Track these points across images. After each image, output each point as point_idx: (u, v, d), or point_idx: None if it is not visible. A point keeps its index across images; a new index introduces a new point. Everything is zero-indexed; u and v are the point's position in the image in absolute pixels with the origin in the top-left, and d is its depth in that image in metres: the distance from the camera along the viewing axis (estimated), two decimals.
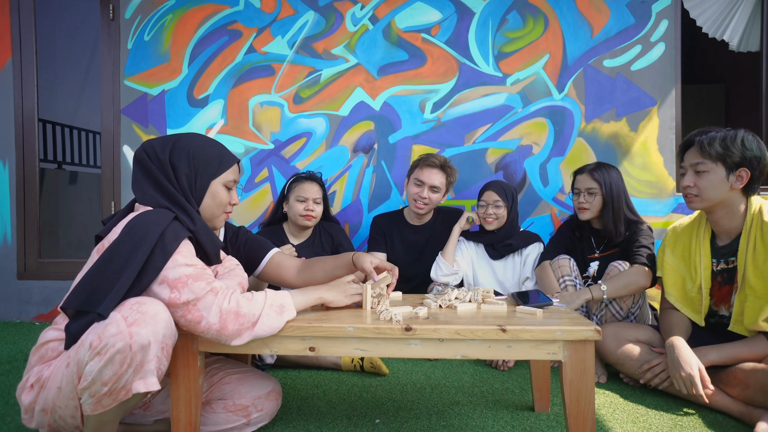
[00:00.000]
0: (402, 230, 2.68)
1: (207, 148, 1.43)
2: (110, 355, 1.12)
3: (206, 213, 1.44)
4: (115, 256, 1.24)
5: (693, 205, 1.78)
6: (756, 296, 1.68)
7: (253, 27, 3.09)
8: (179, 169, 1.37)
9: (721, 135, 1.71)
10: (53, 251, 3.52)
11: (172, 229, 1.28)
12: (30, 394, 1.26)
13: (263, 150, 3.09)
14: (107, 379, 1.13)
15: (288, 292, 1.40)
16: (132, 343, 1.13)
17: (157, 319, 1.17)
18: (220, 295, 1.28)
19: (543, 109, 2.96)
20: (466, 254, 2.54)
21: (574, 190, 2.38)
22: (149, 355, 1.16)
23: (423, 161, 2.55)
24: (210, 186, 1.42)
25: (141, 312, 1.16)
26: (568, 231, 2.48)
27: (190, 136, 1.43)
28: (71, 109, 5.19)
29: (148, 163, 1.37)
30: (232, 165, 1.47)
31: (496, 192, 2.44)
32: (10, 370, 2.19)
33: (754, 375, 1.62)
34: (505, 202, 2.43)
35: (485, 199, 2.47)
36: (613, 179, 2.30)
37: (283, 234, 2.51)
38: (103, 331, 1.13)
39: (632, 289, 2.09)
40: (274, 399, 1.59)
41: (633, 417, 1.70)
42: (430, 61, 3.00)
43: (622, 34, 2.91)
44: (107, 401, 1.16)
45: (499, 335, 1.28)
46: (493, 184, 2.48)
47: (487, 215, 2.45)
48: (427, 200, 2.54)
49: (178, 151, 1.38)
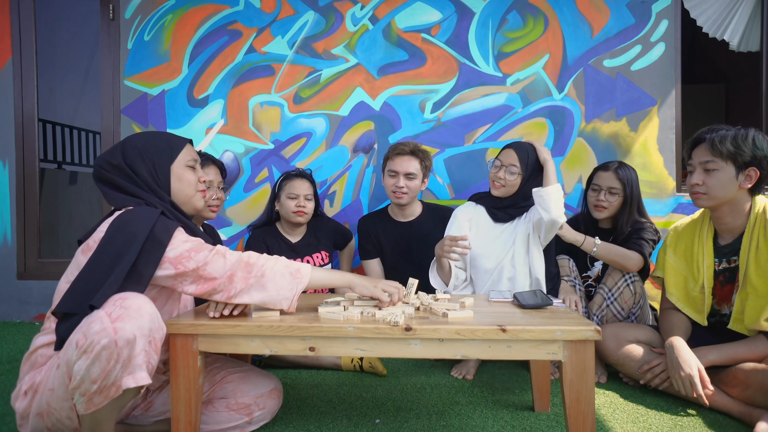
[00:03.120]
0: (388, 228, 2.59)
1: (154, 139, 1.46)
2: (96, 353, 1.12)
3: (180, 197, 1.47)
4: (105, 255, 1.25)
5: (700, 202, 1.78)
6: (757, 295, 1.68)
7: (253, 27, 3.09)
8: (137, 168, 1.40)
9: (732, 133, 1.70)
10: (53, 251, 3.52)
11: (161, 223, 1.31)
12: (24, 400, 1.27)
13: (263, 150, 3.09)
14: (96, 376, 1.13)
15: (309, 266, 1.42)
16: (117, 338, 1.12)
17: (141, 313, 1.17)
18: (228, 253, 1.35)
19: (543, 109, 2.96)
20: (461, 216, 2.24)
21: (593, 186, 2.33)
22: (136, 350, 1.15)
23: (393, 151, 2.48)
24: (172, 171, 1.45)
25: (124, 307, 1.16)
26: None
27: (134, 136, 1.46)
28: (71, 109, 5.19)
29: (107, 176, 1.40)
30: (184, 146, 1.49)
31: (517, 154, 2.08)
32: (10, 370, 2.19)
33: (754, 375, 1.62)
34: (522, 170, 2.07)
35: (502, 158, 2.11)
36: (634, 180, 2.27)
37: (277, 233, 2.51)
38: (88, 329, 1.13)
39: (620, 261, 2.11)
40: (275, 397, 1.59)
41: (633, 417, 1.70)
42: (430, 61, 3.00)
43: (622, 34, 2.91)
44: (99, 399, 1.16)
45: (499, 335, 1.28)
46: (517, 145, 2.13)
47: (496, 178, 2.11)
48: (405, 189, 2.43)
49: (128, 152, 1.41)
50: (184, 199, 1.47)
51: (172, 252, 1.30)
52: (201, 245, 1.34)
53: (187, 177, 1.47)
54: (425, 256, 2.51)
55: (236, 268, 1.33)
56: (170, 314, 1.47)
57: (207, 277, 1.32)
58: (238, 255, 1.36)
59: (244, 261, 1.34)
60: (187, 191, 1.47)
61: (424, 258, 2.51)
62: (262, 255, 1.39)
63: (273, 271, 1.35)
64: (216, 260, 1.32)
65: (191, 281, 1.32)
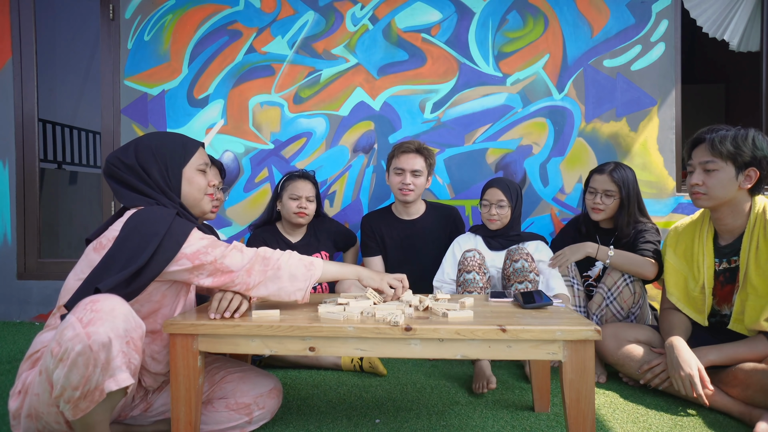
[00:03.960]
0: (392, 226, 2.61)
1: (167, 140, 1.46)
2: (72, 360, 1.10)
3: (189, 200, 1.48)
4: (122, 252, 1.26)
5: (700, 203, 1.78)
6: (757, 295, 1.68)
7: (253, 27, 3.09)
8: (149, 168, 1.41)
9: (732, 134, 1.70)
10: (53, 251, 3.52)
11: (178, 222, 1.34)
12: (16, 400, 1.26)
13: (263, 150, 3.09)
14: (76, 383, 1.11)
15: (321, 260, 1.50)
16: (91, 343, 1.10)
17: (114, 314, 1.15)
18: (244, 248, 1.42)
19: (543, 109, 2.96)
20: (463, 245, 2.40)
21: (589, 189, 2.33)
22: (113, 352, 1.13)
23: (398, 149, 2.51)
24: (183, 174, 1.46)
25: (95, 310, 1.14)
26: (572, 232, 2.47)
27: (148, 136, 1.47)
28: (71, 109, 5.19)
29: (119, 174, 1.41)
30: (197, 149, 1.50)
31: (500, 190, 2.30)
32: (10, 370, 2.19)
33: (754, 375, 1.62)
34: (510, 202, 2.30)
35: (488, 198, 2.33)
36: (630, 181, 2.26)
37: (278, 233, 2.51)
38: (61, 336, 1.12)
39: (635, 269, 2.08)
40: (275, 397, 1.59)
41: (633, 417, 1.70)
42: (430, 61, 3.00)
43: (622, 34, 2.91)
44: (84, 404, 1.14)
45: (499, 335, 1.28)
46: (497, 181, 2.34)
47: (490, 215, 2.32)
48: (412, 186, 2.47)
49: (141, 152, 1.42)
50: (192, 202, 1.49)
51: (189, 249, 1.34)
52: (216, 242, 1.40)
53: (198, 180, 1.48)
54: (428, 254, 2.53)
55: (254, 262, 1.40)
56: (174, 311, 1.47)
57: (224, 270, 1.37)
58: (254, 250, 1.43)
59: (261, 255, 1.42)
60: (196, 195, 1.49)
61: (427, 256, 2.53)
62: (276, 250, 1.47)
63: (288, 264, 1.43)
64: (233, 254, 1.38)
65: (208, 274, 1.37)
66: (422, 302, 1.51)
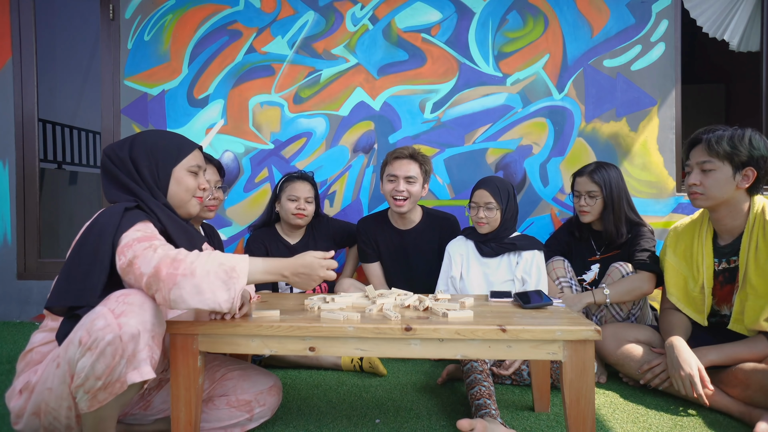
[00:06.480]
0: (387, 234, 2.50)
1: (164, 139, 1.46)
2: (101, 348, 1.12)
3: (175, 200, 1.46)
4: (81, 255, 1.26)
5: (697, 203, 1.78)
6: (757, 295, 1.68)
7: (253, 27, 3.09)
8: (140, 163, 1.41)
9: (729, 134, 1.71)
10: (53, 251, 3.52)
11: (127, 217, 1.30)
12: (19, 399, 1.27)
13: (263, 150, 3.09)
14: (101, 372, 1.13)
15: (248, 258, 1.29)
16: (122, 334, 1.13)
17: (144, 308, 1.19)
18: (159, 249, 1.23)
19: (543, 109, 2.96)
20: (456, 250, 2.28)
21: (574, 193, 2.35)
22: (140, 345, 1.16)
23: (391, 155, 2.40)
24: (173, 173, 1.45)
25: (127, 303, 1.17)
26: (566, 233, 2.47)
27: (148, 132, 1.47)
28: (71, 109, 5.20)
29: (110, 166, 1.41)
30: (192, 151, 1.49)
31: (488, 191, 2.14)
32: (10, 370, 2.19)
33: (754, 375, 1.62)
34: (499, 204, 2.12)
35: (476, 200, 2.17)
36: (614, 180, 2.26)
37: (276, 235, 2.50)
38: (91, 326, 1.14)
39: (635, 294, 2.08)
40: (275, 394, 1.60)
41: (633, 417, 1.70)
42: (430, 61, 3.00)
43: (622, 34, 2.91)
44: (103, 395, 1.16)
45: (499, 335, 1.28)
46: (485, 181, 2.18)
47: (478, 219, 2.15)
48: (406, 193, 2.33)
49: (136, 147, 1.42)
50: (178, 202, 1.47)
51: (123, 241, 1.25)
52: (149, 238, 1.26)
53: (186, 181, 1.46)
54: (422, 264, 2.48)
55: (161, 264, 1.19)
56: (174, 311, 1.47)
57: (137, 272, 1.21)
58: (167, 251, 1.23)
59: (170, 256, 1.21)
60: (182, 195, 1.47)
61: (420, 266, 2.47)
62: (194, 252, 1.26)
63: (205, 271, 1.20)
64: (146, 254, 1.21)
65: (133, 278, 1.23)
66: (422, 302, 1.51)
